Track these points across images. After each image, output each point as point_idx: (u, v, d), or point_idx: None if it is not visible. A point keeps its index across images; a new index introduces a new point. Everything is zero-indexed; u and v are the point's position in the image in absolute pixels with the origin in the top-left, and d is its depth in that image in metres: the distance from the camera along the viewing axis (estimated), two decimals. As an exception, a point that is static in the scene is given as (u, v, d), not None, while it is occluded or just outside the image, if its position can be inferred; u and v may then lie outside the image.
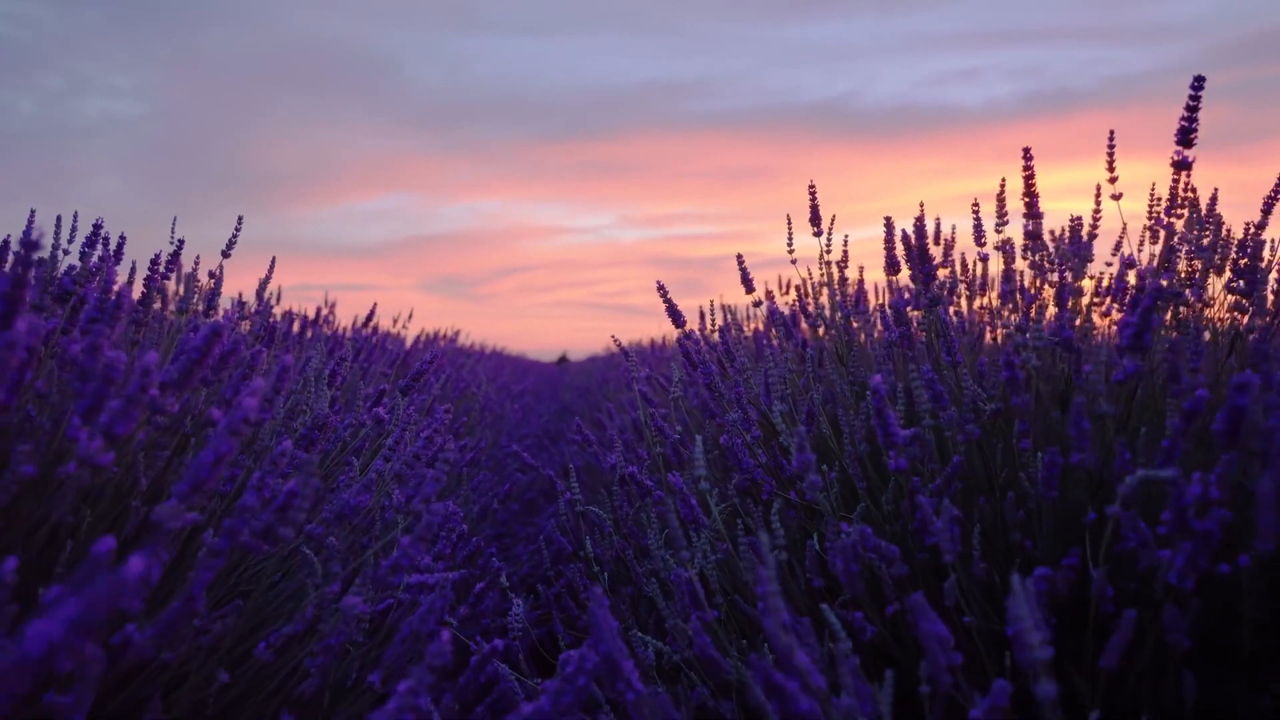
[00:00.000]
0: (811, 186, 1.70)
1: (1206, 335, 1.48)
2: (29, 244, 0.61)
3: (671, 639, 1.32)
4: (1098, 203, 1.27)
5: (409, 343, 4.35)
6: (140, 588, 0.66)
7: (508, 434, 4.53)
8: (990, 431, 1.39)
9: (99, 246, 1.35)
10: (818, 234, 1.75)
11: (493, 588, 1.41)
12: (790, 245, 1.75)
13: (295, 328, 2.58)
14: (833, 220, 1.71)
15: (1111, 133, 1.23)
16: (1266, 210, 1.50)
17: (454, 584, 1.51)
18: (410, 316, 4.20)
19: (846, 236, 1.87)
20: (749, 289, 1.79)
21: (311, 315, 3.39)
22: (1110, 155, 1.23)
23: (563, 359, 17.02)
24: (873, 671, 1.17)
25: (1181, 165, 1.05)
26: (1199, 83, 1.03)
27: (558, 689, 0.85)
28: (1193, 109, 1.04)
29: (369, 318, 2.98)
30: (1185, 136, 1.04)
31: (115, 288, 1.05)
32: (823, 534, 1.23)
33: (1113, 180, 1.25)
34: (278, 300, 2.73)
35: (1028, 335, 1.06)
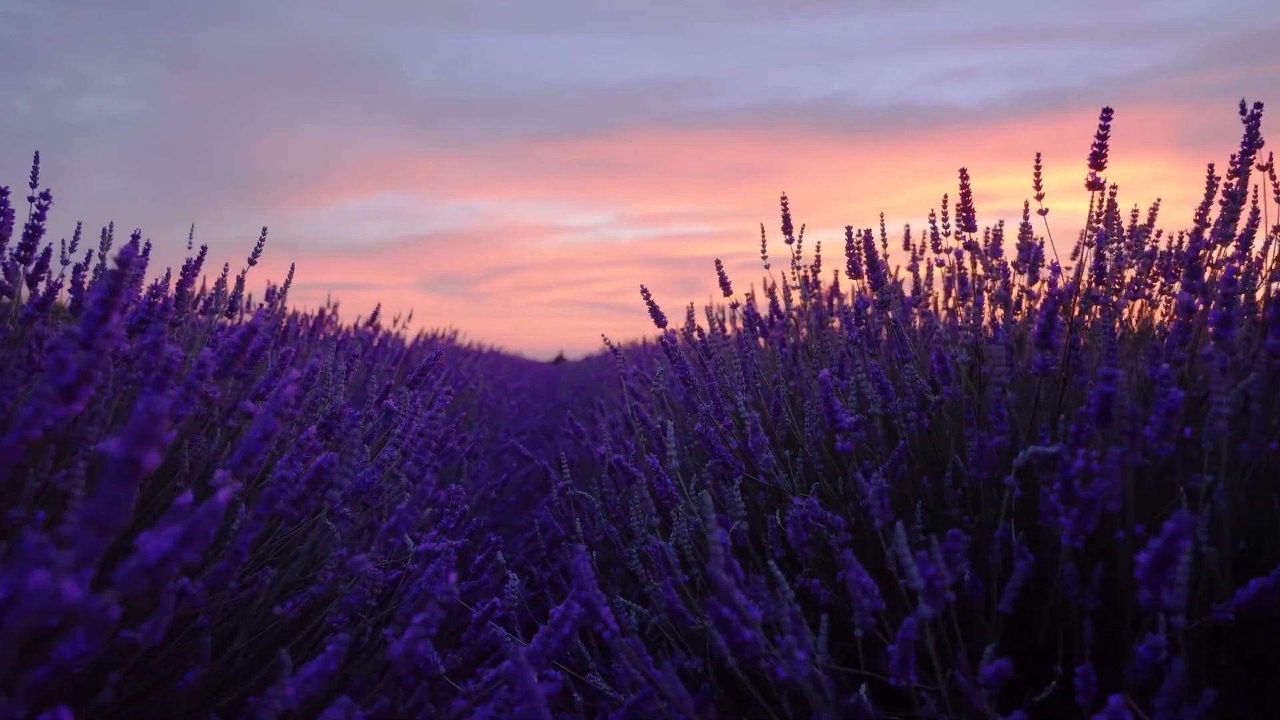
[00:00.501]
0: (784, 198, 1.85)
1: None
2: (123, 261, 0.76)
3: (652, 607, 1.47)
4: (1026, 216, 1.42)
5: (408, 342, 4.50)
6: (224, 515, 0.81)
7: (505, 429, 4.68)
8: (939, 420, 1.54)
9: (136, 254, 1.50)
10: (789, 241, 1.91)
11: (491, 559, 1.57)
12: (764, 252, 1.90)
13: (303, 329, 2.73)
14: (803, 229, 1.86)
15: (1038, 155, 1.38)
16: (1200, 220, 1.66)
17: (456, 562, 1.66)
18: (410, 317, 4.35)
19: (819, 242, 2.02)
20: (727, 291, 1.94)
21: (315, 315, 3.54)
22: (1037, 173, 1.38)
23: (559, 358, 17.14)
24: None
25: (1094, 186, 1.20)
26: (1107, 114, 1.18)
27: (546, 633, 1.01)
28: (1103, 137, 1.19)
29: (372, 318, 3.13)
30: (1096, 160, 1.19)
31: (159, 295, 1.20)
32: (784, 511, 1.39)
33: (1039, 197, 1.40)
34: (283, 300, 2.88)
35: (958, 334, 1.21)
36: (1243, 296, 1.53)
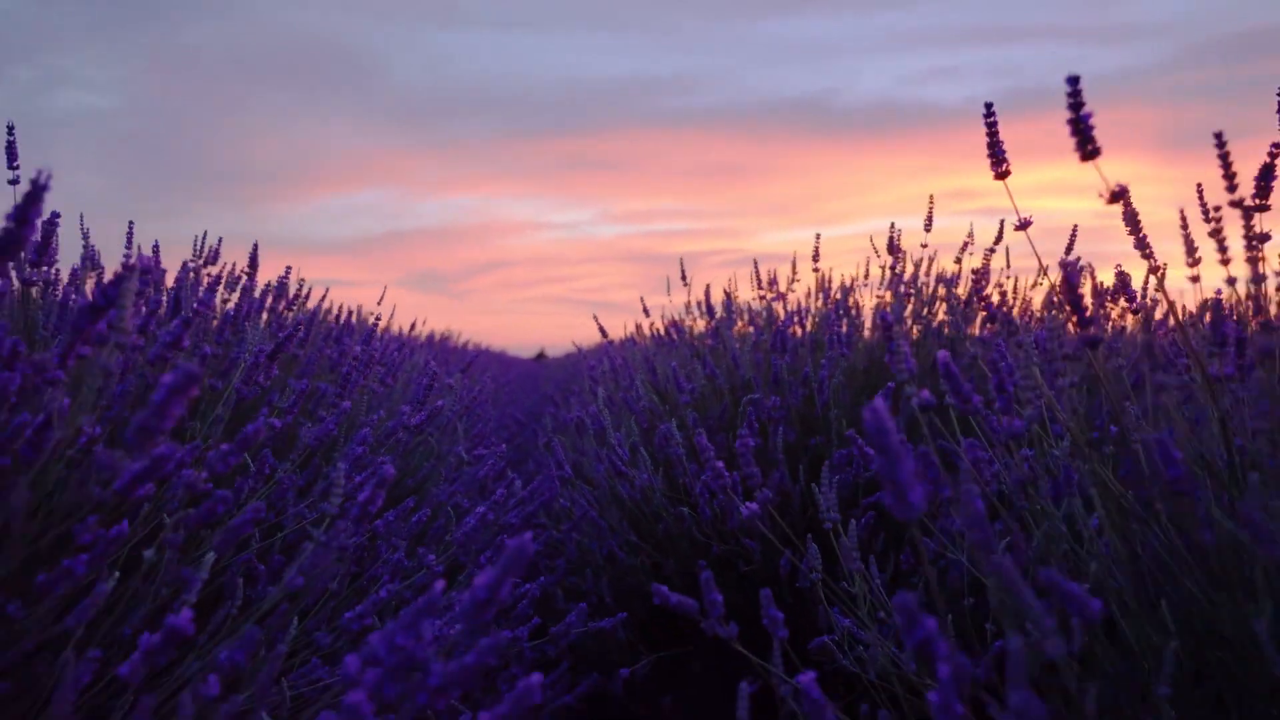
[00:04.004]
0: (681, 259, 3.10)
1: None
2: (370, 332, 1.98)
3: (597, 490, 2.71)
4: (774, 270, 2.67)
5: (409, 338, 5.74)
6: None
7: (498, 412, 5.92)
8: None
9: (291, 300, 2.71)
10: (685, 285, 3.15)
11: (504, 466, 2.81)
12: (668, 293, 3.15)
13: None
14: (692, 279, 3.11)
15: (818, 246, 2.60)
16: (983, 252, 2.90)
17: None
18: (424, 322, 5.58)
19: (707, 286, 3.26)
20: (647, 315, 3.19)
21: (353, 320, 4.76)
22: (815, 255, 2.59)
23: (540, 355, 18.19)
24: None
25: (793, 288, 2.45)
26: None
27: (535, 486, 2.25)
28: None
29: (411, 328, 4.37)
30: (772, 287, 2.43)
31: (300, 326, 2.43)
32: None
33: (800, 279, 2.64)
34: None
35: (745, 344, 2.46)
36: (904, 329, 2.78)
